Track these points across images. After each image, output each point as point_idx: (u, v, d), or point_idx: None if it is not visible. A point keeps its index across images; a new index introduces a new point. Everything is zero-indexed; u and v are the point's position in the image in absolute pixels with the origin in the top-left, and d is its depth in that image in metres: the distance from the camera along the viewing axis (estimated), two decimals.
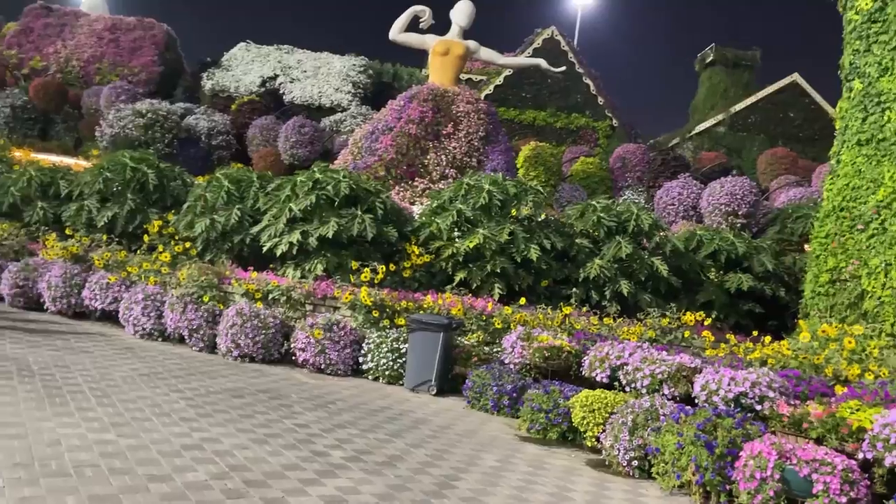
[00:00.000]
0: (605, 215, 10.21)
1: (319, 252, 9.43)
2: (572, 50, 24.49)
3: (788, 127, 23.80)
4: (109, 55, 25.56)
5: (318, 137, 18.63)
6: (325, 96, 24.11)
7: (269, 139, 19.51)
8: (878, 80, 7.88)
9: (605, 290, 9.98)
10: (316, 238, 9.21)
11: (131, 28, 26.94)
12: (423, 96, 12.75)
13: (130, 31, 26.80)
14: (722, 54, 25.67)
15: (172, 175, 11.83)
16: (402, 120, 12.36)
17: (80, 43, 25.92)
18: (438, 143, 12.50)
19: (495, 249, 9.48)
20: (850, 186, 8.12)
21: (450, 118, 12.84)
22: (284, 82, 24.71)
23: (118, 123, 18.89)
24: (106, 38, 26.19)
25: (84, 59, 25.34)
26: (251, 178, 10.71)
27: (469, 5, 14.89)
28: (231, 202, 10.34)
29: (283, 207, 9.53)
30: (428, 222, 9.97)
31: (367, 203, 9.72)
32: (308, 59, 26.51)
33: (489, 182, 9.92)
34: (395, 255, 9.98)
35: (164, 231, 10.91)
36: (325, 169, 9.90)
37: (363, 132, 12.64)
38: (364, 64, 26.61)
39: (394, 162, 12.12)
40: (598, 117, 24.36)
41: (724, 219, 12.82)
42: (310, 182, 9.56)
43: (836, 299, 8.04)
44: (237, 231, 10.15)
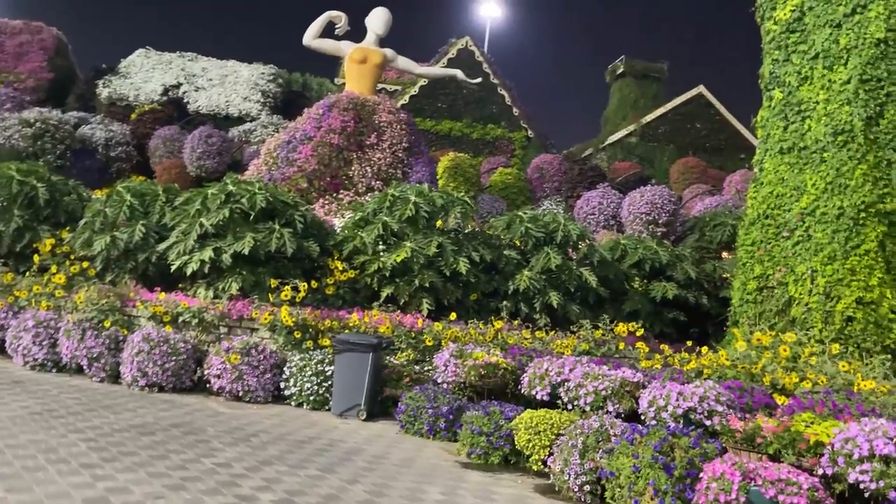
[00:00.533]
0: (532, 226, 10.07)
1: (234, 270, 8.82)
2: (487, 60, 24.59)
3: (696, 137, 24.72)
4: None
5: (226, 148, 17.77)
6: (232, 105, 23.14)
7: (174, 150, 18.46)
8: (798, 90, 8.08)
9: (535, 302, 9.82)
10: (230, 255, 8.60)
11: (17, 32, 25.08)
12: (343, 105, 12.28)
13: (16, 34, 24.94)
14: (632, 66, 26.44)
15: (66, 189, 10.88)
16: (323, 129, 11.84)
17: None
18: (362, 154, 12.07)
19: (423, 263, 9.15)
20: (775, 194, 8.26)
21: (373, 128, 12.44)
22: (189, 91, 23.55)
23: (2, 134, 17.40)
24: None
25: None
26: (156, 191, 9.95)
27: (385, 12, 14.56)
28: (134, 217, 9.55)
29: (193, 223, 8.86)
30: (351, 236, 9.52)
31: (286, 216, 9.18)
32: (214, 66, 25.44)
33: (415, 193, 9.59)
34: (316, 272, 9.47)
35: (57, 250, 9.99)
36: (238, 181, 9.29)
37: (278, 141, 12.02)
38: (273, 72, 25.79)
39: (316, 173, 11.58)
40: (514, 128, 24.52)
41: (644, 227, 12.99)
42: (222, 195, 8.93)
43: (765, 306, 8.15)
44: (142, 249, 9.38)
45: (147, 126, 19.68)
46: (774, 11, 8.51)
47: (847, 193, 7.42)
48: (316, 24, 13.47)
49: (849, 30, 7.57)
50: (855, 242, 7.33)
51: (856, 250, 7.30)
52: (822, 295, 7.40)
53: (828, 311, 7.36)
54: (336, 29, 13.85)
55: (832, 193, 7.52)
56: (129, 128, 19.59)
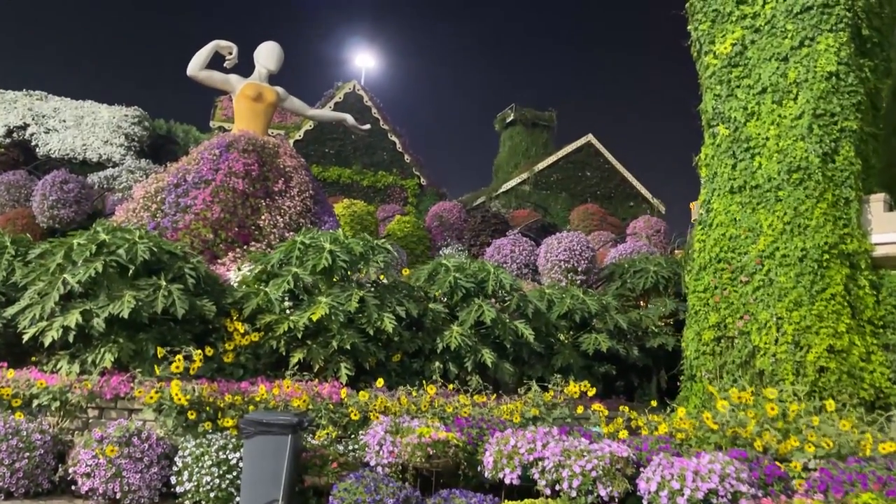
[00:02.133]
0: (461, 276, 9.17)
1: (108, 337, 7.25)
2: (376, 106, 23.93)
3: (587, 185, 25.13)
4: None
5: (85, 195, 15.71)
6: (91, 149, 20.93)
7: (20, 198, 16.14)
8: (746, 125, 7.78)
9: (466, 361, 8.86)
10: (104, 319, 7.04)
11: None
12: (241, 145, 10.92)
13: None
14: (522, 114, 26.68)
15: None
16: (222, 172, 10.40)
17: None
18: (271, 202, 10.76)
19: (343, 321, 7.97)
20: (727, 237, 7.85)
21: (278, 173, 11.19)
22: (38, 132, 21.12)
23: None
24: None
25: None
26: (3, 242, 8.19)
27: (277, 47, 13.46)
28: None
29: (54, 280, 7.24)
30: (254, 292, 8.20)
31: (173, 270, 7.74)
32: (67, 107, 23.08)
33: (330, 240, 8.43)
34: (210, 336, 8.05)
35: None
36: (113, 228, 7.76)
37: (159, 184, 10.43)
38: (138, 115, 23.78)
39: (221, 222, 10.10)
40: (406, 175, 23.85)
41: (563, 275, 12.45)
42: (92, 245, 7.38)
43: (725, 358, 7.62)
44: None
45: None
46: (714, 45, 8.25)
47: (808, 234, 7.08)
48: (202, 53, 12.12)
49: (797, 63, 7.37)
50: (821, 286, 6.97)
51: (821, 294, 6.94)
52: (791, 344, 6.95)
53: (798, 361, 6.91)
54: (226, 61, 12.56)
55: (792, 234, 7.16)
56: None
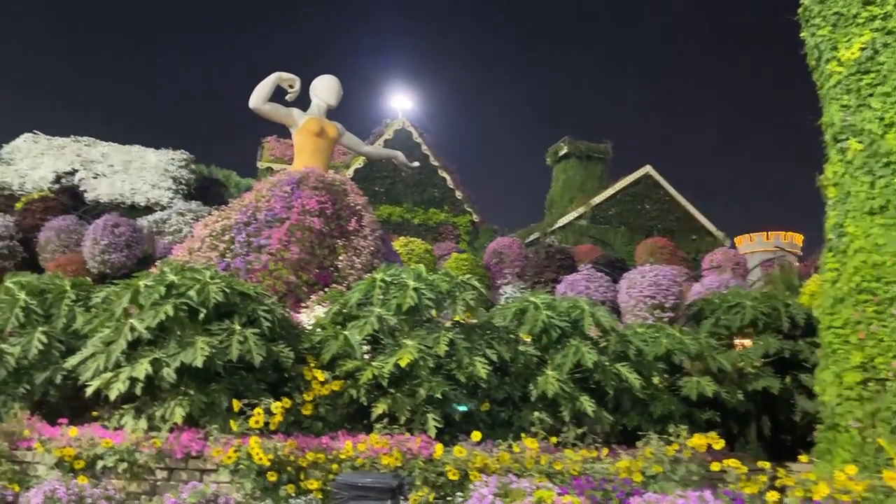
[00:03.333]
0: (553, 314, 8.37)
1: (178, 389, 6.60)
2: (426, 142, 23.55)
3: (647, 218, 24.26)
4: None
5: (136, 239, 15.39)
6: (139, 193, 20.82)
7: (70, 244, 15.89)
8: (884, 138, 6.95)
9: (562, 410, 8.00)
10: (175, 368, 6.40)
11: None
12: (312, 182, 10.41)
13: None
14: (575, 147, 26.06)
15: None
16: (296, 210, 9.86)
17: None
18: (347, 242, 10.19)
19: (432, 367, 7.23)
20: (870, 264, 6.96)
21: (351, 211, 10.66)
22: (86, 178, 21.11)
23: None
24: None
25: None
26: (61, 286, 7.67)
27: (337, 82, 13.01)
28: (31, 323, 7.24)
29: (120, 327, 6.64)
30: (332, 335, 7.51)
31: (246, 313, 7.10)
32: (115, 152, 23.17)
33: (412, 277, 7.75)
34: (285, 385, 7.36)
35: None
36: (181, 268, 7.18)
37: (227, 223, 9.88)
38: (185, 158, 23.74)
39: (301, 263, 9.52)
40: (458, 212, 23.29)
41: (649, 312, 11.60)
42: (161, 287, 6.79)
43: (878, 404, 6.65)
44: (41, 366, 7.04)
45: (36, 217, 17.02)
46: (837, 52, 7.49)
47: None
48: (266, 85, 11.67)
49: None
50: None
51: None
52: None
53: None
54: (288, 94, 12.13)
55: None
56: (14, 219, 16.85)
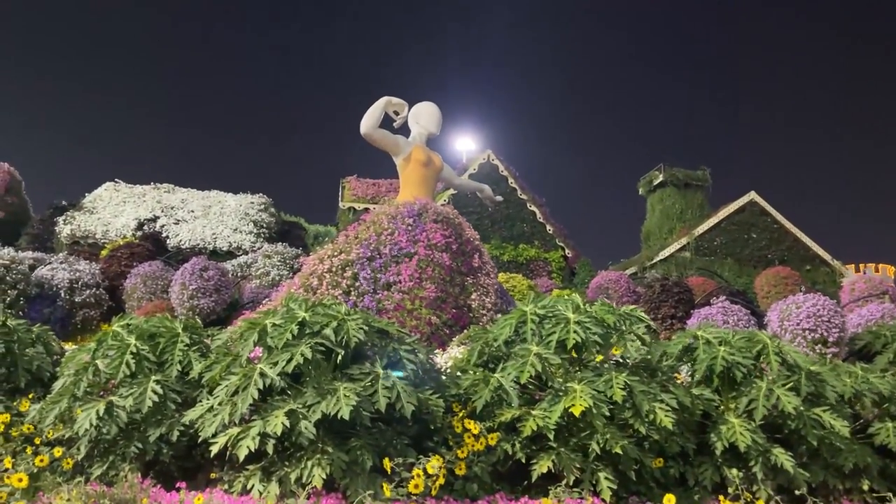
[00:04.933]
0: (730, 350, 7.15)
1: (315, 446, 5.65)
2: (512, 175, 22.69)
3: (755, 248, 22.64)
4: None
5: (225, 283, 14.82)
6: (221, 238, 20.53)
7: (157, 290, 15.44)
8: None
9: (753, 465, 6.72)
10: (315, 422, 5.46)
11: None
12: (431, 216, 9.62)
13: None
14: (672, 175, 24.73)
15: (28, 338, 7.75)
16: (422, 244, 9.05)
17: None
18: (474, 279, 9.32)
19: (606, 415, 6.10)
20: None
21: (472, 247, 9.83)
22: (168, 224, 20.97)
23: None
24: None
25: None
26: (174, 329, 6.88)
27: (438, 110, 12.27)
28: (142, 372, 6.44)
29: (250, 373, 5.76)
30: (481, 380, 6.47)
31: (386, 354, 6.15)
32: (194, 198, 23.12)
33: (571, 308, 6.69)
34: (429, 439, 6.33)
35: (13, 432, 6.74)
36: (311, 304, 6.30)
37: (346, 258, 9.05)
38: (264, 202, 23.51)
39: (438, 301, 8.67)
40: (549, 247, 22.21)
41: (809, 348, 10.21)
42: (292, 325, 5.91)
43: None
44: (155, 421, 6.22)
45: (122, 263, 16.71)
46: None
47: None
48: (376, 111, 10.93)
49: None
50: None
51: None
52: None
53: None
54: (395, 121, 11.43)
55: None
56: (99, 267, 16.57)
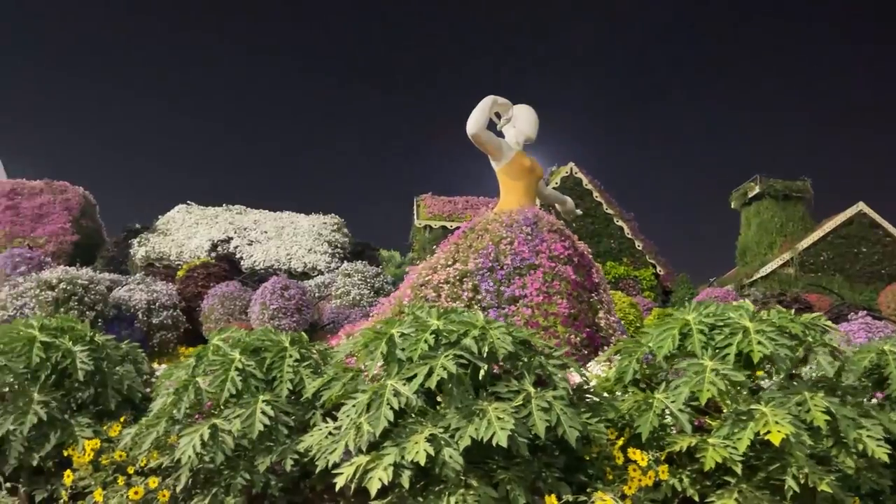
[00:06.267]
0: None
1: (457, 479, 4.77)
2: (597, 189, 21.64)
3: (865, 263, 20.94)
4: (5, 224, 21.00)
5: (306, 303, 14.23)
6: (295, 258, 20.09)
7: (235, 311, 14.95)
8: None
9: None
10: (462, 450, 4.59)
11: (36, 193, 22.75)
12: (545, 225, 8.82)
13: (35, 195, 22.59)
14: (769, 186, 23.19)
15: (117, 355, 7.10)
16: (544, 255, 8.22)
17: None
18: (598, 296, 8.47)
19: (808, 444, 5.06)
20: None
21: (589, 261, 9.03)
22: (241, 245, 20.69)
23: (14, 303, 14.00)
24: (2, 205, 21.78)
25: None
26: (280, 343, 6.12)
27: (535, 114, 11.43)
28: (248, 391, 5.68)
29: (381, 390, 4.93)
30: (641, 402, 5.50)
31: (532, 370, 5.25)
32: (267, 219, 22.90)
33: (747, 317, 5.68)
34: (580, 471, 5.38)
35: (104, 459, 6.04)
36: (444, 311, 5.46)
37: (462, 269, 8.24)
38: (336, 222, 23.10)
39: (571, 319, 7.82)
40: (639, 265, 20.97)
41: None
42: (426, 334, 5.07)
43: None
44: (264, 448, 5.44)
45: (199, 284, 16.33)
46: None
47: None
48: (484, 110, 10.13)
49: None
50: None
51: None
52: None
53: None
54: (500, 123, 10.66)
55: None
56: (176, 288, 16.20)
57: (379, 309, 8.72)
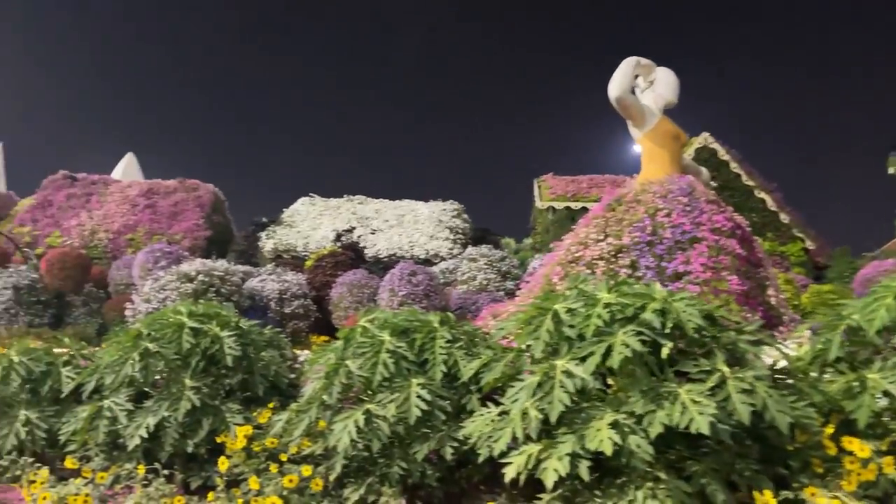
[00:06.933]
0: None
1: (643, 471, 4.21)
2: (735, 159, 20.21)
3: None
4: (144, 222, 22.06)
5: (434, 289, 13.99)
6: (418, 246, 20.04)
7: (363, 299, 14.92)
8: None
9: None
10: (652, 436, 4.03)
11: (171, 191, 23.80)
12: (702, 195, 8.15)
13: (170, 194, 23.63)
14: None
15: (262, 341, 6.97)
16: (705, 228, 7.53)
17: (110, 212, 22.64)
18: (766, 272, 7.75)
19: None
20: None
21: (749, 235, 8.28)
22: (364, 234, 20.86)
23: (157, 296, 14.53)
24: (141, 204, 22.94)
25: (114, 230, 21.88)
26: (429, 323, 5.76)
27: (675, 76, 10.52)
28: (400, 374, 5.34)
29: (551, 370, 4.45)
30: (855, 382, 4.73)
31: (722, 349, 4.60)
32: (387, 208, 23.07)
33: None
34: (777, 463, 4.68)
35: (255, 446, 5.87)
36: (617, 283, 4.91)
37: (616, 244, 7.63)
38: (456, 209, 22.87)
39: (744, 298, 7.14)
40: (785, 239, 19.45)
41: None
42: (599, 309, 4.53)
43: None
44: (420, 435, 5.09)
45: (327, 273, 16.45)
46: None
47: None
48: (627, 73, 9.33)
49: None
50: None
51: None
52: None
53: None
54: (642, 86, 9.86)
55: None
56: (305, 277, 16.38)
57: (525, 288, 8.23)
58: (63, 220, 22.13)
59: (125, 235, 21.46)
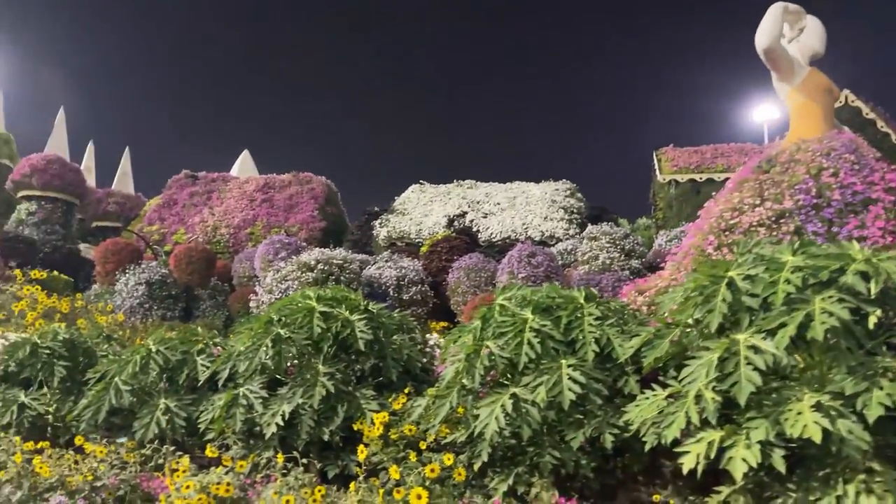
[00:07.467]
0: None
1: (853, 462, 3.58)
2: (882, 118, 18.43)
3: None
4: (262, 216, 22.57)
5: (554, 269, 13.42)
6: (531, 227, 19.48)
7: (480, 283, 14.53)
8: None
9: None
10: (869, 422, 3.39)
11: (286, 185, 24.26)
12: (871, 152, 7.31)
13: (285, 188, 24.09)
14: None
15: (391, 325, 6.67)
16: (879, 188, 6.70)
17: (230, 208, 23.31)
18: None
19: None
20: None
21: None
22: (476, 218, 20.51)
23: (279, 286, 14.68)
24: (258, 198, 23.49)
25: (234, 225, 22.50)
26: (574, 299, 5.26)
27: (822, 25, 9.42)
28: (547, 354, 4.88)
29: (733, 346, 3.86)
30: None
31: None
32: (497, 191, 22.64)
33: None
34: None
35: (392, 433, 5.57)
36: (800, 244, 4.24)
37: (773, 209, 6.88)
38: (569, 188, 22.11)
39: None
40: None
41: None
42: (785, 272, 3.90)
43: None
44: (573, 421, 4.62)
45: (443, 258, 16.19)
46: None
47: None
48: (775, 21, 8.37)
49: None
50: None
51: None
52: None
53: None
54: (790, 34, 8.89)
55: None
56: (421, 263, 16.19)
57: (671, 261, 7.54)
58: (187, 218, 23.04)
59: (245, 229, 22.07)
